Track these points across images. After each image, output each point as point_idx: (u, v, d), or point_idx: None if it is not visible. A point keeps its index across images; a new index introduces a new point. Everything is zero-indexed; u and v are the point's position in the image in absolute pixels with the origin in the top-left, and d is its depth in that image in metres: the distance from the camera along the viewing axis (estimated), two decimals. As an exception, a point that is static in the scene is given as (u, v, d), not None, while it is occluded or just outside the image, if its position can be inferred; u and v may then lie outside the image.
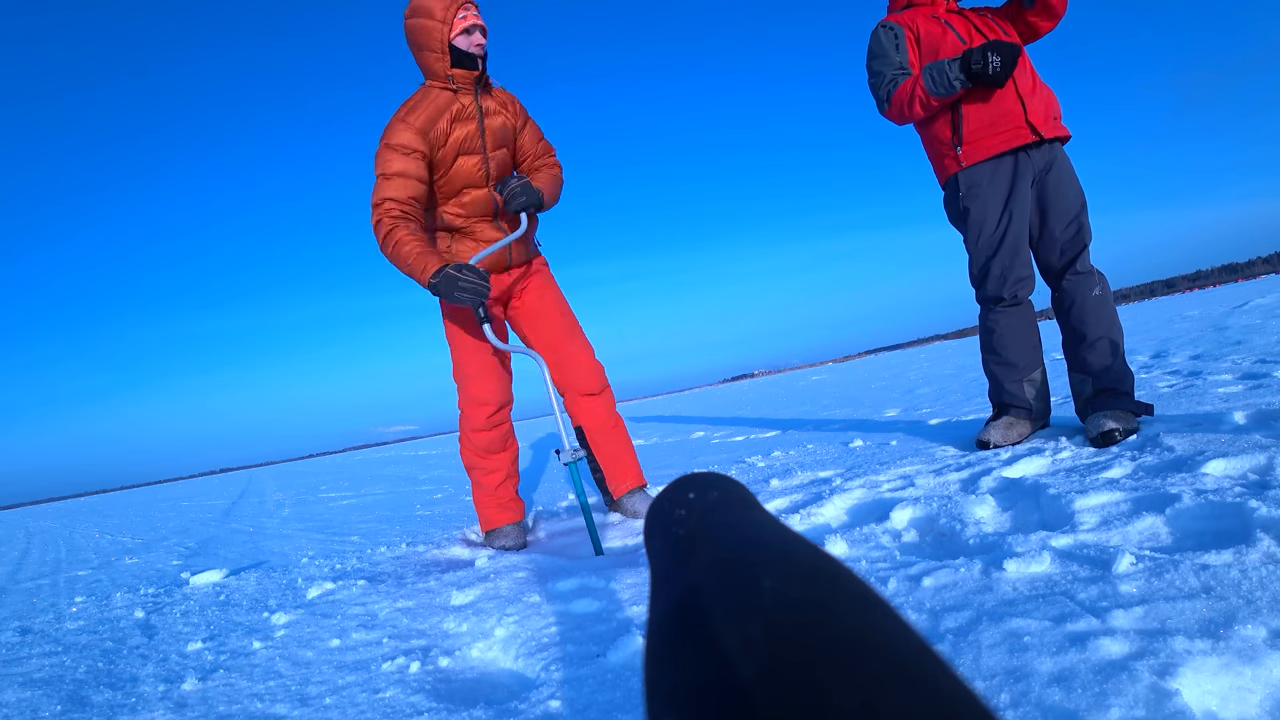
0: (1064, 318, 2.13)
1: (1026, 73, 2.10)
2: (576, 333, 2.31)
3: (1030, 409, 2.21)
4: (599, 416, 2.31)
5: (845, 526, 1.65)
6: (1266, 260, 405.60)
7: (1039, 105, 2.07)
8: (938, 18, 2.15)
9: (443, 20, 1.94)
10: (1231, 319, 6.35)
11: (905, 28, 2.15)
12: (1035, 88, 2.09)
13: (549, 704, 0.98)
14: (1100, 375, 2.02)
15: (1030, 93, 2.07)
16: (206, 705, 1.18)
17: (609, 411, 2.33)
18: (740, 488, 0.48)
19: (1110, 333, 2.04)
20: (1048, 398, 2.27)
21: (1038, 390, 2.22)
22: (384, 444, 75.63)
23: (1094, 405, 2.01)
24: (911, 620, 1.02)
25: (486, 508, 2.25)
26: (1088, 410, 2.04)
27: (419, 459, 10.22)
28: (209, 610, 1.90)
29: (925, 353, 20.95)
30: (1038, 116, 2.06)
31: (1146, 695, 0.70)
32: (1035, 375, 2.22)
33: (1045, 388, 2.25)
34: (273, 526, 4.15)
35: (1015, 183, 2.09)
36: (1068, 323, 2.11)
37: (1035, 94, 2.08)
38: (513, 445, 2.30)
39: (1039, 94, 2.09)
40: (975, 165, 2.11)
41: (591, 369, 2.29)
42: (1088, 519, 1.28)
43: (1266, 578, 0.90)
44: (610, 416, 2.32)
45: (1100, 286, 2.07)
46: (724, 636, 0.26)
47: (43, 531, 7.41)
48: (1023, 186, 2.09)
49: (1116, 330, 2.05)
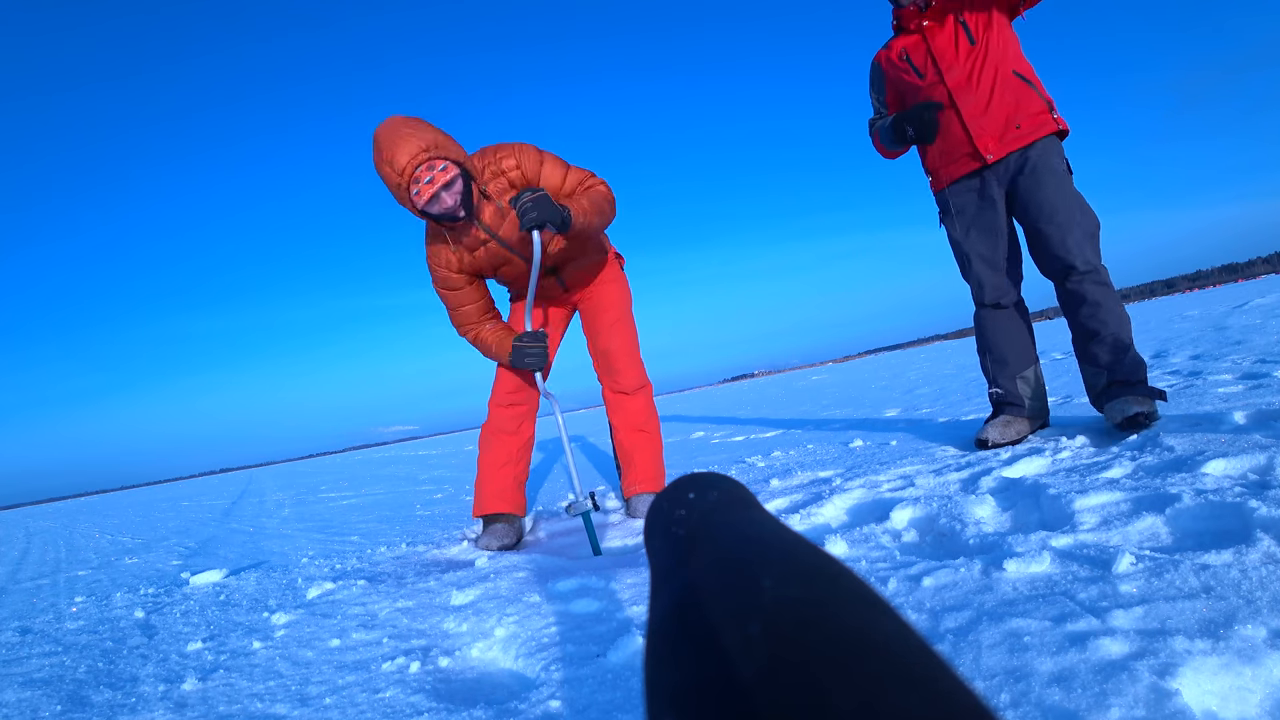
0: (1071, 316, 2.13)
1: (979, 90, 2.11)
2: (619, 329, 2.31)
3: (1025, 406, 2.23)
4: (627, 414, 2.32)
5: (845, 526, 1.65)
6: (1266, 260, 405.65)
7: (990, 124, 2.11)
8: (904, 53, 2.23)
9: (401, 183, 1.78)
10: (1231, 319, 6.35)
11: (883, 68, 2.33)
12: (989, 104, 2.11)
13: (549, 704, 0.98)
14: (1113, 368, 2.02)
15: (978, 114, 2.12)
16: (206, 705, 1.18)
17: (639, 411, 2.32)
18: (740, 488, 0.48)
19: (1119, 326, 2.03)
20: (1044, 396, 2.29)
21: (1033, 388, 2.25)
22: (384, 444, 75.64)
23: (1109, 394, 2.01)
24: (911, 620, 1.02)
25: (481, 488, 2.26)
26: (1103, 400, 2.04)
27: (419, 459, 10.22)
28: (209, 610, 1.90)
29: (925, 353, 20.95)
30: (985, 138, 2.12)
31: (1146, 695, 0.70)
32: (1028, 373, 2.25)
33: (1041, 386, 2.27)
34: (273, 526, 4.15)
35: (983, 200, 2.21)
36: (1075, 320, 2.11)
37: (987, 112, 2.11)
38: (525, 433, 2.30)
39: (992, 110, 2.11)
40: (943, 190, 2.31)
41: (627, 366, 2.30)
42: (1088, 519, 1.28)
43: (1266, 578, 0.90)
44: (639, 417, 2.32)
45: (1102, 282, 2.06)
46: (724, 636, 0.26)
47: (42, 531, 7.41)
48: (991, 201, 2.20)
49: (1124, 323, 2.05)
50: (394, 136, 1.75)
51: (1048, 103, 2.12)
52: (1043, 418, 2.30)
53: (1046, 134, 2.10)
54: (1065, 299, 2.13)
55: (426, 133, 1.76)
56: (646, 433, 2.33)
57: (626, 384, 2.31)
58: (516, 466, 2.28)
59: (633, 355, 2.32)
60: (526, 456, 2.32)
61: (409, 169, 1.74)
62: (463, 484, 4.75)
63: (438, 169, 1.77)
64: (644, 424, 2.33)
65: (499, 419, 2.28)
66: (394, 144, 1.74)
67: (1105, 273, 2.08)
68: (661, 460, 2.35)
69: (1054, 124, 2.11)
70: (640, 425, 2.32)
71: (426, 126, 1.78)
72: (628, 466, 2.34)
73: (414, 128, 1.76)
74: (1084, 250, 2.06)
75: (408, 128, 1.76)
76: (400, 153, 1.74)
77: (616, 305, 2.32)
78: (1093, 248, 2.08)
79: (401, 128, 1.76)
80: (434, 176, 1.77)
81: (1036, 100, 2.11)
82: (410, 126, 1.76)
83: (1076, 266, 2.06)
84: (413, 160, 1.74)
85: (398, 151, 1.74)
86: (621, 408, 2.33)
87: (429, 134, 1.76)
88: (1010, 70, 2.11)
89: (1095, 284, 2.06)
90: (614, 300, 2.32)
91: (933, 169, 2.32)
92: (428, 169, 1.76)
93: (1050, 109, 2.12)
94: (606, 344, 2.31)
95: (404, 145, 1.74)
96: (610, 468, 4.01)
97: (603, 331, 2.31)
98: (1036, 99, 2.11)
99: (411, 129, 1.76)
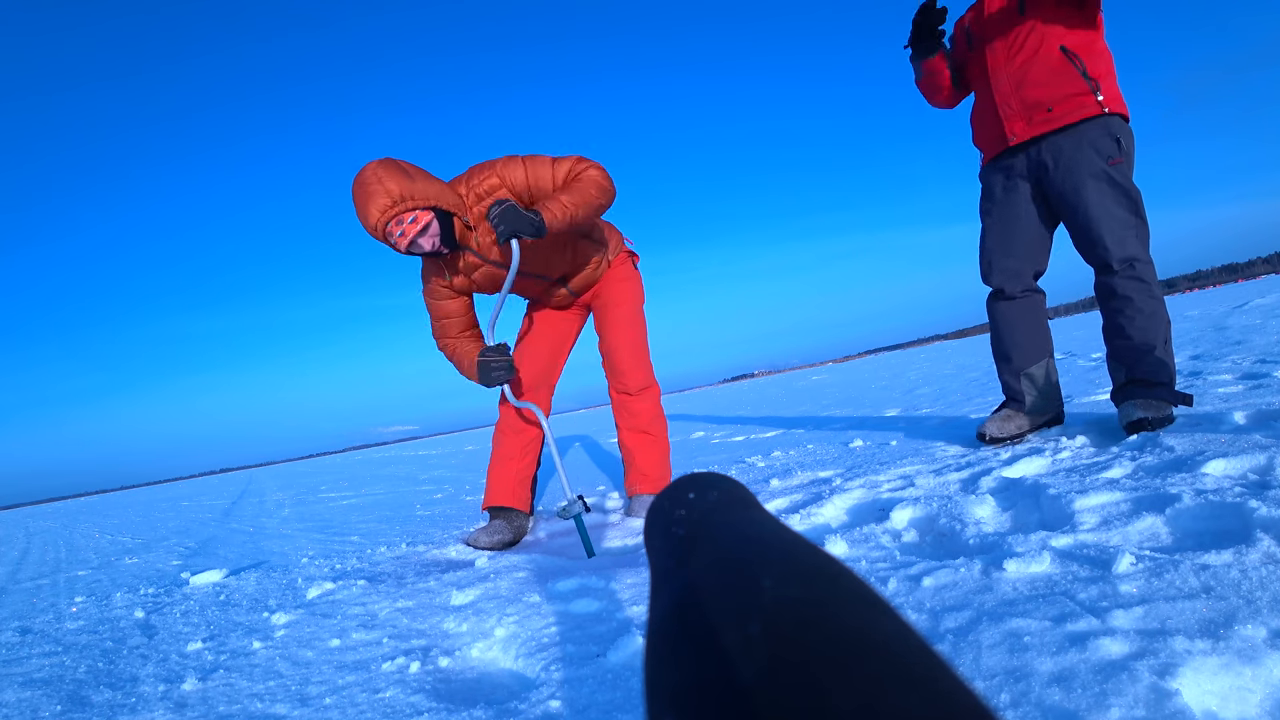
0: (1102, 309, 2.08)
1: (1013, 66, 2.03)
2: (624, 328, 2.29)
3: (1024, 402, 2.19)
4: (630, 415, 2.30)
5: (845, 526, 1.65)
6: (1266, 260, 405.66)
7: (1018, 105, 2.04)
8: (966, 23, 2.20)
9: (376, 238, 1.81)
10: (1231, 319, 6.36)
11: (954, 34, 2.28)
12: (1022, 82, 2.02)
13: (549, 704, 0.98)
14: (1133, 365, 1.98)
15: (1008, 93, 2.05)
16: (206, 705, 1.18)
17: (643, 412, 2.30)
18: (740, 488, 0.48)
19: (1148, 324, 1.96)
20: (1054, 394, 2.22)
21: (1038, 385, 2.19)
22: (384, 444, 75.60)
23: (1125, 394, 1.99)
24: (911, 620, 1.02)
25: (487, 483, 2.32)
26: (1120, 398, 2.02)
27: (419, 459, 10.23)
28: (209, 610, 1.90)
29: (925, 353, 20.95)
30: (1013, 120, 2.05)
31: (1146, 695, 0.70)
32: (1034, 370, 2.19)
33: (1050, 383, 2.21)
34: (273, 526, 4.15)
35: (1008, 183, 2.17)
36: (1105, 314, 2.07)
37: (1017, 92, 2.03)
38: (532, 430, 2.30)
39: (1024, 89, 2.02)
40: (983, 169, 2.28)
41: (631, 367, 2.27)
42: (1088, 519, 1.28)
43: (1266, 578, 0.90)
44: (642, 418, 2.30)
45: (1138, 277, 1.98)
46: (724, 636, 0.26)
47: (43, 531, 7.41)
48: (1015, 187, 2.15)
49: (1155, 321, 1.97)
50: (363, 194, 1.75)
51: (1093, 83, 1.96)
52: (1050, 414, 2.24)
53: (1084, 118, 1.97)
54: (1098, 291, 2.07)
55: (392, 183, 1.74)
56: (650, 434, 2.30)
57: (630, 384, 2.28)
58: (520, 462, 2.29)
59: (638, 355, 2.29)
60: (533, 453, 2.32)
61: (380, 226, 1.76)
62: (463, 484, 4.75)
63: (406, 221, 1.77)
64: (647, 425, 2.30)
65: (507, 415, 2.31)
66: (363, 201, 1.75)
67: (1145, 267, 1.98)
68: (666, 462, 2.32)
69: (1096, 106, 1.96)
70: (643, 426, 2.30)
71: (394, 174, 1.75)
72: (629, 467, 2.33)
73: (380, 180, 1.74)
74: (1121, 245, 1.97)
75: (374, 182, 1.74)
76: (369, 211, 1.75)
77: (625, 303, 2.30)
78: (1135, 241, 1.98)
79: (369, 183, 1.74)
80: (404, 230, 1.78)
81: (1077, 80, 1.96)
82: (377, 179, 1.74)
83: (1111, 262, 1.99)
84: (381, 217, 1.74)
85: (367, 209, 1.75)
86: (625, 408, 2.31)
87: (394, 184, 1.74)
88: (1058, 45, 1.98)
89: (1129, 279, 1.98)
90: (622, 298, 2.30)
91: (978, 145, 2.27)
92: (396, 224, 1.77)
93: (1094, 89, 1.96)
94: (611, 343, 2.29)
95: (372, 203, 1.74)
96: (612, 467, 4.01)
97: (608, 330, 2.29)
98: (1078, 79, 1.96)
99: (377, 182, 1.74)
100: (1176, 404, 1.93)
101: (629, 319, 2.29)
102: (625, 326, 2.28)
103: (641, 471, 2.29)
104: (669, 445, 2.36)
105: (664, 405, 2.40)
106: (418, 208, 1.78)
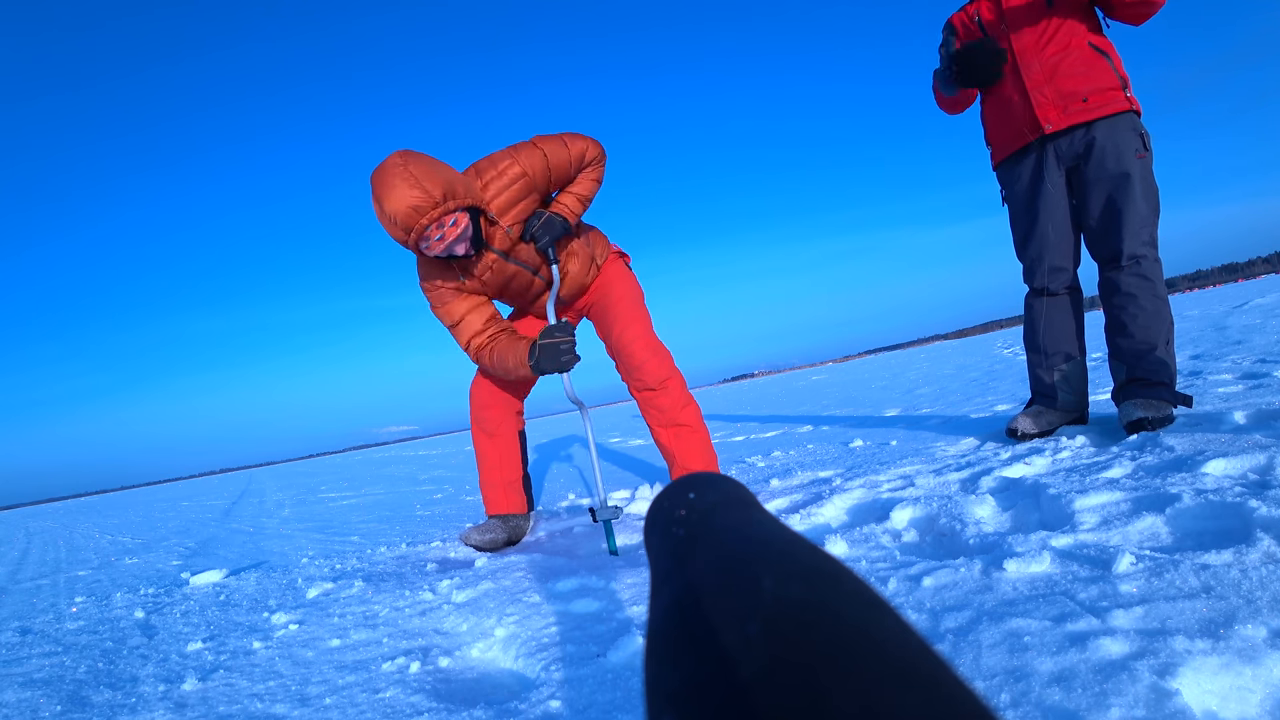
0: (1105, 306, 2.07)
1: (1045, 55, 2.01)
2: (629, 322, 2.14)
3: (1055, 398, 2.17)
4: (657, 410, 2.13)
5: (845, 526, 1.65)
6: (1266, 260, 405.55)
7: (1052, 94, 2.01)
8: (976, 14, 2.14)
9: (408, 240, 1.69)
10: (1231, 319, 6.35)
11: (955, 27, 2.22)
12: (1056, 71, 2.00)
13: (549, 704, 0.98)
14: (1134, 364, 1.98)
15: (1042, 81, 2.01)
16: (206, 705, 1.18)
17: (671, 405, 2.11)
18: (740, 488, 0.48)
19: (1151, 322, 1.96)
20: (1082, 392, 2.20)
21: (1070, 382, 2.17)
22: (384, 444, 75.54)
23: (1125, 393, 1.99)
24: (911, 620, 1.02)
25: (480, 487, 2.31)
26: (1120, 398, 2.01)
27: (419, 459, 10.23)
28: (209, 610, 1.90)
29: (925, 353, 20.95)
30: (1047, 108, 2.01)
31: (1146, 695, 0.70)
32: (1066, 366, 2.16)
33: (1080, 381, 2.18)
34: (273, 526, 4.15)
35: (1041, 176, 2.10)
36: (1107, 310, 2.06)
37: (1052, 80, 2.01)
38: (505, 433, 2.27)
39: (1059, 79, 2.00)
40: (1002, 164, 2.23)
41: (645, 360, 2.10)
42: (1088, 519, 1.28)
43: (1266, 578, 0.90)
44: (670, 411, 2.11)
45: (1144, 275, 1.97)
46: (724, 636, 0.26)
47: (43, 531, 7.41)
48: (1050, 179, 2.09)
49: (1158, 320, 1.97)
50: (392, 191, 1.60)
51: (1123, 80, 1.99)
52: (1078, 413, 2.22)
53: (1117, 111, 1.97)
54: (1102, 287, 2.07)
55: (431, 183, 1.61)
56: (684, 425, 2.12)
57: (649, 378, 2.10)
58: (500, 471, 2.25)
59: (650, 347, 2.12)
60: (512, 455, 2.27)
61: (417, 229, 1.64)
62: (463, 484, 4.75)
63: (448, 224, 1.68)
64: (678, 417, 2.11)
65: (478, 421, 2.27)
66: (395, 199, 1.60)
67: (1151, 265, 1.98)
68: (708, 449, 2.14)
69: (1126, 103, 1.98)
70: (674, 419, 2.11)
71: (428, 171, 1.62)
72: (671, 466, 2.17)
73: (418, 180, 1.60)
74: (1133, 241, 1.97)
75: (408, 181, 1.60)
76: (404, 212, 1.61)
77: (625, 299, 2.18)
78: (1148, 237, 1.98)
79: (399, 180, 1.60)
80: (444, 233, 1.69)
81: (1110, 75, 1.97)
82: (413, 178, 1.60)
83: (1120, 253, 1.98)
84: (423, 220, 1.63)
85: (399, 210, 1.61)
86: (651, 405, 2.13)
87: (433, 184, 1.61)
88: (1086, 41, 1.98)
89: (1134, 275, 1.97)
90: (621, 294, 2.19)
91: (990, 142, 2.22)
92: (437, 227, 1.67)
93: (1124, 86, 1.98)
94: (619, 340, 2.13)
95: (408, 203, 1.60)
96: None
97: (614, 328, 2.15)
98: (1110, 74, 1.97)
99: (415, 181, 1.60)
100: (1177, 404, 1.93)
101: (631, 314, 2.16)
102: (630, 320, 2.14)
103: (684, 467, 2.13)
104: (707, 431, 2.17)
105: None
106: (459, 208, 1.69)
